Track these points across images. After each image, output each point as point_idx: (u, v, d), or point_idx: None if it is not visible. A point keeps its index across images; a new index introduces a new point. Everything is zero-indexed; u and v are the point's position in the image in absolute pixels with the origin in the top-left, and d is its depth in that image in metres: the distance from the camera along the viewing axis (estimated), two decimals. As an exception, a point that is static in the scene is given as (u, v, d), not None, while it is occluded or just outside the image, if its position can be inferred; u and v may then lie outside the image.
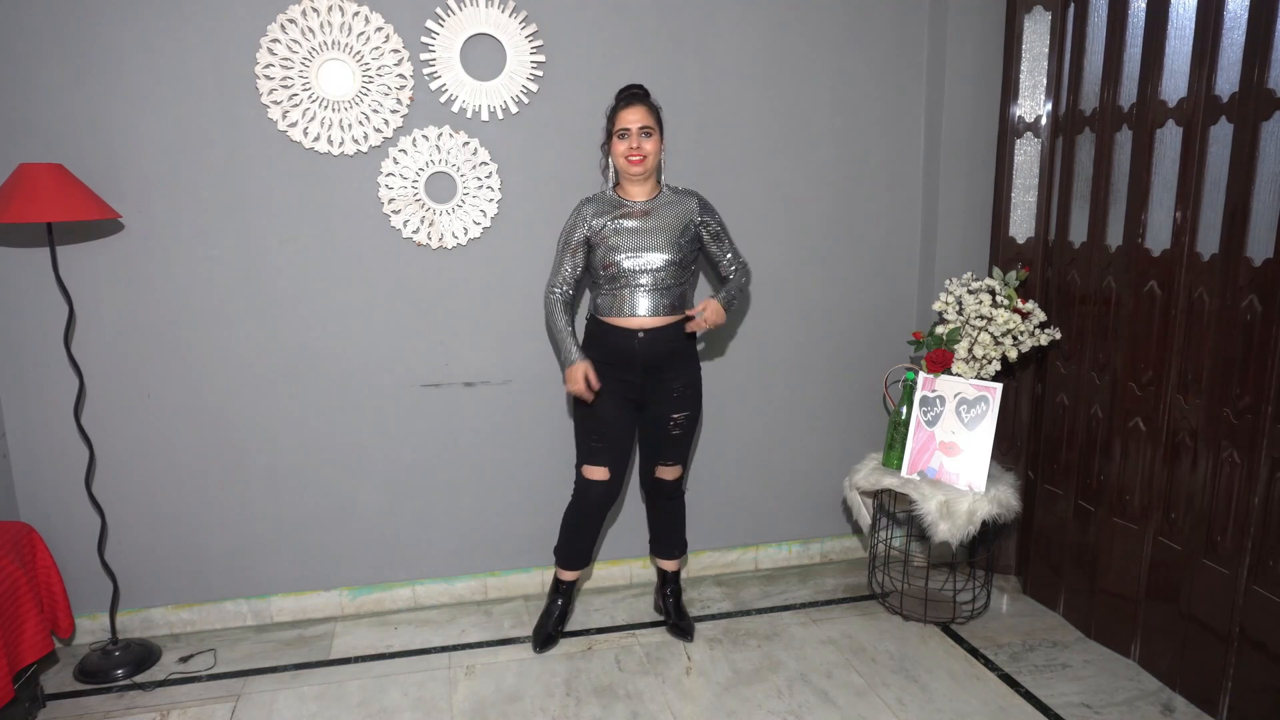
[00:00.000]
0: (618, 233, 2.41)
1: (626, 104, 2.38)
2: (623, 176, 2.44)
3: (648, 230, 2.41)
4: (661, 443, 2.58)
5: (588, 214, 2.44)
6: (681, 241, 2.44)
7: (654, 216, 2.43)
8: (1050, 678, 2.48)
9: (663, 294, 2.43)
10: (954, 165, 2.94)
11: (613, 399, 2.48)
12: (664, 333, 2.45)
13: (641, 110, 2.37)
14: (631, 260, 2.39)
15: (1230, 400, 2.18)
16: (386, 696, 2.43)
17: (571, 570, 2.69)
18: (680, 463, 2.64)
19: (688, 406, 2.55)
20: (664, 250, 2.41)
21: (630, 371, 2.47)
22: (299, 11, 2.49)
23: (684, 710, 2.35)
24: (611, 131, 2.40)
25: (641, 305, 2.42)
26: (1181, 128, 2.28)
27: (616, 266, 2.40)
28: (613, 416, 2.49)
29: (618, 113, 2.39)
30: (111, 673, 2.53)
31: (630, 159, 2.37)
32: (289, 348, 2.69)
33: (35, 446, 2.59)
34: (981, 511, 2.55)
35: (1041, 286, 2.87)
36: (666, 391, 2.50)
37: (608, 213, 2.43)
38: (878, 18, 2.90)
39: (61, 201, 2.22)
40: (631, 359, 2.45)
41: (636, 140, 2.36)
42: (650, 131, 2.38)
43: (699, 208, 2.49)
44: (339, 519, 2.83)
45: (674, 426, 2.54)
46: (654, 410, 2.53)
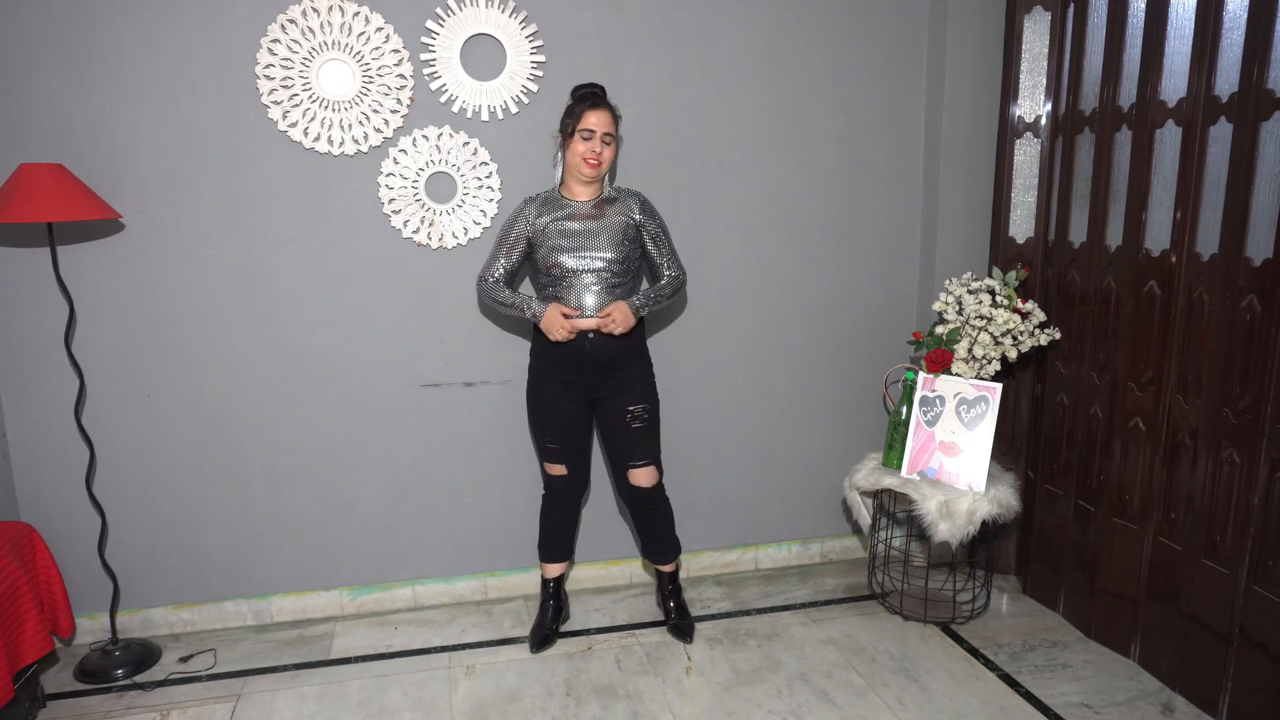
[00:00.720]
0: (561, 233, 2.41)
1: (593, 105, 2.37)
2: (571, 175, 2.45)
3: (590, 230, 2.42)
4: (625, 439, 2.54)
5: (530, 213, 2.45)
6: (623, 241, 2.44)
7: (597, 217, 2.44)
8: (1050, 678, 2.48)
9: (608, 293, 2.43)
10: (954, 165, 2.94)
11: (564, 399, 2.50)
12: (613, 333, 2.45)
13: (607, 115, 2.38)
14: (575, 260, 2.40)
15: (1230, 400, 2.18)
16: (386, 696, 2.43)
17: (554, 563, 2.72)
18: (653, 461, 2.59)
19: (644, 399, 2.53)
20: (606, 250, 2.41)
21: (580, 372, 2.47)
22: (299, 11, 2.49)
23: (684, 710, 2.35)
24: (574, 129, 2.37)
25: (588, 305, 2.42)
26: (1181, 128, 2.28)
27: (560, 266, 2.41)
28: (565, 417, 2.52)
29: (583, 113, 2.36)
30: (111, 673, 2.53)
31: (589, 161, 2.37)
32: (289, 348, 2.69)
33: (35, 446, 2.59)
34: (981, 511, 2.55)
35: (1041, 286, 2.87)
36: (618, 387, 2.50)
37: (551, 212, 2.44)
38: (878, 18, 2.90)
39: (61, 201, 2.22)
40: (582, 360, 2.45)
41: (599, 145, 2.37)
42: (611, 138, 2.39)
43: (639, 207, 2.49)
44: (339, 519, 2.83)
45: (633, 419, 2.52)
46: (609, 406, 2.52)
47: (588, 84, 2.44)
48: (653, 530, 2.70)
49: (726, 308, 2.97)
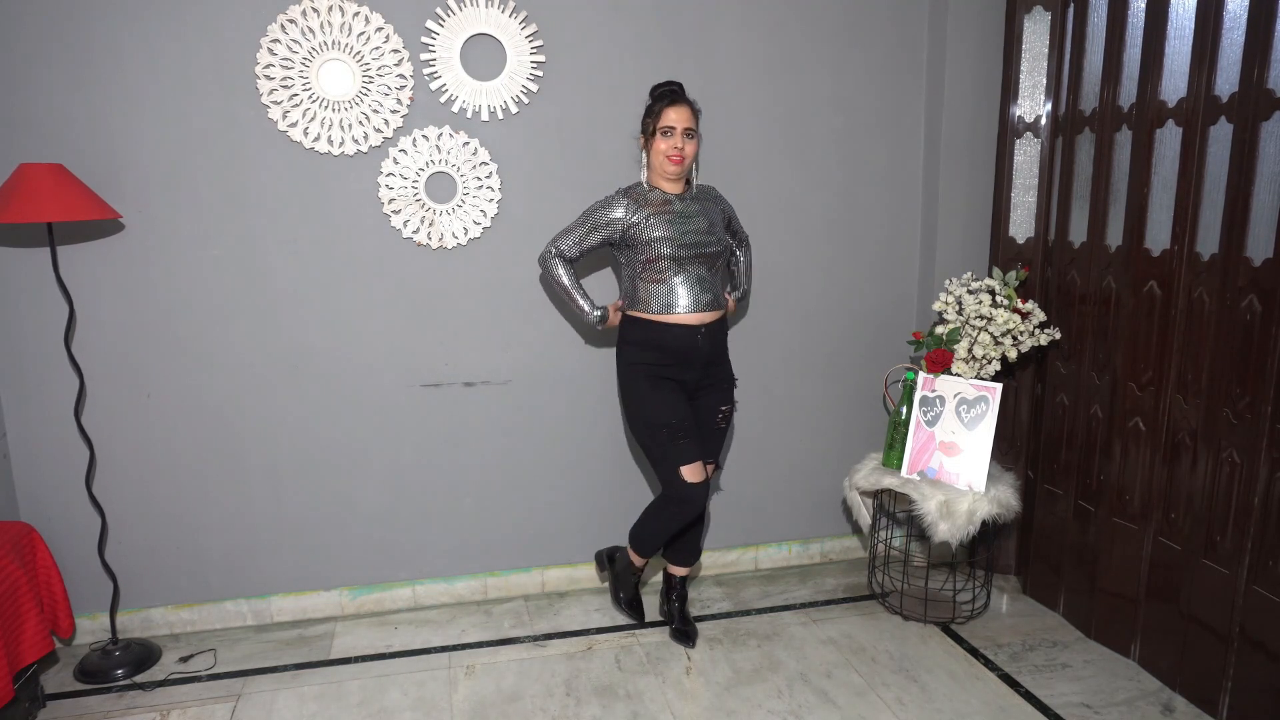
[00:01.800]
0: (668, 224, 2.39)
1: (671, 102, 2.36)
2: (656, 174, 2.43)
3: (694, 223, 2.42)
4: (708, 438, 2.56)
5: (620, 206, 2.40)
6: (721, 231, 2.49)
7: (695, 209, 2.45)
8: (1050, 678, 2.48)
9: (712, 287, 2.45)
10: (954, 165, 2.94)
11: (679, 396, 2.46)
12: (719, 326, 2.51)
13: (686, 111, 2.38)
14: (683, 252, 2.38)
15: (1230, 400, 2.18)
16: (386, 696, 2.43)
17: (647, 558, 2.70)
18: (717, 462, 2.64)
19: (730, 399, 2.59)
20: (713, 243, 2.43)
21: (690, 369, 2.46)
22: (299, 11, 2.49)
23: (684, 710, 2.35)
24: (655, 128, 2.37)
25: (699, 299, 2.41)
26: (1181, 128, 2.28)
27: (669, 260, 2.37)
28: (685, 409, 2.45)
29: (662, 110, 2.36)
30: (111, 673, 2.53)
31: (672, 158, 2.37)
32: (289, 348, 2.69)
33: (35, 446, 2.59)
34: (981, 511, 2.55)
35: (1041, 286, 2.87)
36: (715, 384, 2.53)
37: (649, 206, 2.41)
38: (878, 18, 2.90)
39: (61, 201, 2.22)
40: (693, 357, 2.44)
41: (680, 140, 2.36)
42: (693, 133, 2.39)
43: (723, 199, 2.59)
44: (339, 519, 2.83)
45: (722, 419, 2.57)
46: (703, 404, 2.54)
47: (665, 82, 2.42)
48: (690, 529, 2.65)
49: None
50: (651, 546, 2.63)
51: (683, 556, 2.72)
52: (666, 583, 2.79)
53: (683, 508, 2.47)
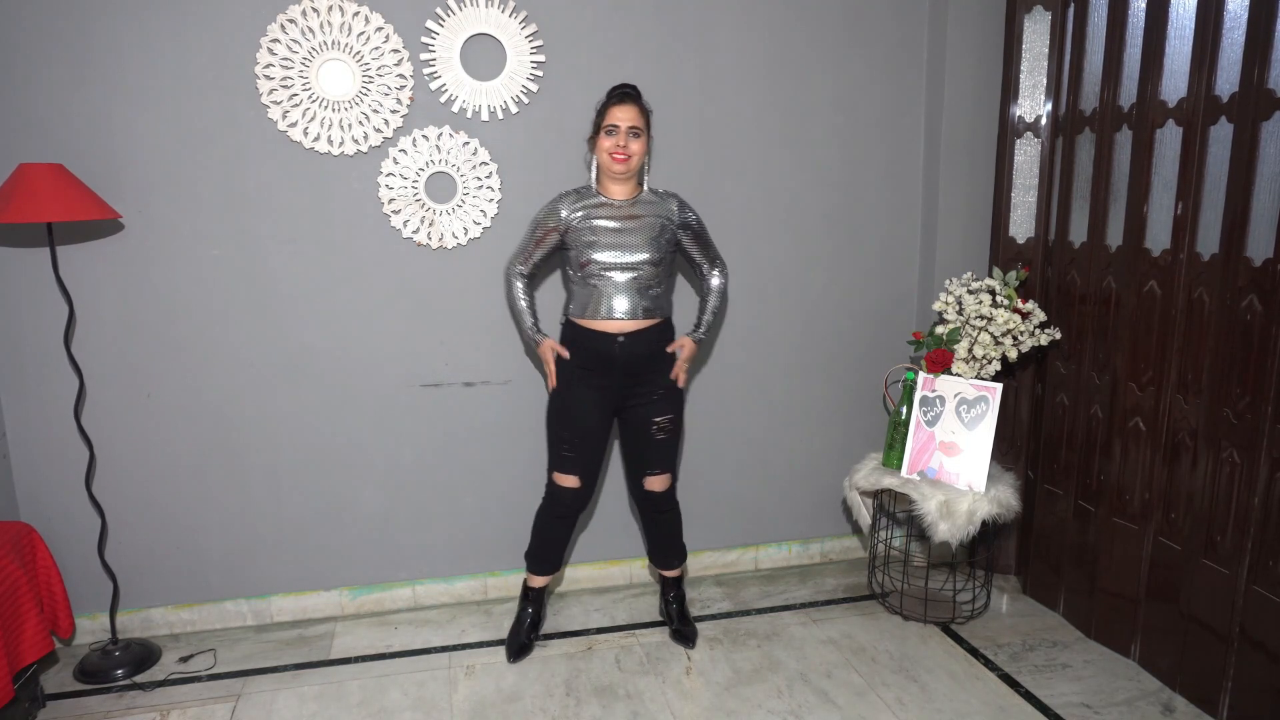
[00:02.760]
0: (595, 230, 2.37)
1: (618, 101, 2.35)
2: (604, 174, 2.41)
3: (626, 229, 2.38)
4: (646, 449, 2.53)
5: (563, 207, 2.41)
6: (660, 242, 2.41)
7: (633, 216, 2.40)
8: (1050, 678, 2.48)
9: (641, 295, 2.40)
10: (954, 165, 2.94)
11: (590, 406, 2.45)
12: (643, 336, 2.42)
13: (633, 110, 2.35)
14: (609, 258, 2.36)
15: (1230, 400, 2.18)
16: (386, 696, 2.43)
17: (542, 575, 2.66)
18: (668, 470, 2.58)
19: (670, 409, 2.51)
20: (642, 250, 2.37)
21: (609, 376, 2.44)
22: (299, 11, 2.49)
23: (684, 710, 2.35)
24: (600, 126, 2.37)
25: (620, 307, 2.38)
26: (1181, 128, 2.28)
27: (594, 264, 2.36)
28: (588, 425, 2.46)
29: (608, 109, 2.35)
30: (111, 673, 2.53)
31: (615, 156, 2.34)
32: (289, 348, 2.69)
33: (35, 446, 2.59)
34: (981, 511, 2.55)
35: (1041, 286, 2.87)
36: (647, 395, 2.47)
37: (586, 208, 2.40)
38: (878, 18, 2.90)
39: (61, 201, 2.22)
40: (611, 363, 2.42)
41: (624, 139, 2.33)
42: (639, 133, 2.35)
43: (678, 208, 2.46)
44: (339, 519, 2.83)
45: (658, 430, 2.50)
46: (635, 415, 2.49)
47: (619, 84, 2.41)
48: (660, 534, 2.68)
49: (729, 307, 2.97)
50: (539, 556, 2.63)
51: (662, 557, 2.72)
52: (662, 585, 2.79)
53: (551, 505, 2.57)
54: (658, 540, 2.70)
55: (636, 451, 2.55)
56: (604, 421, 2.49)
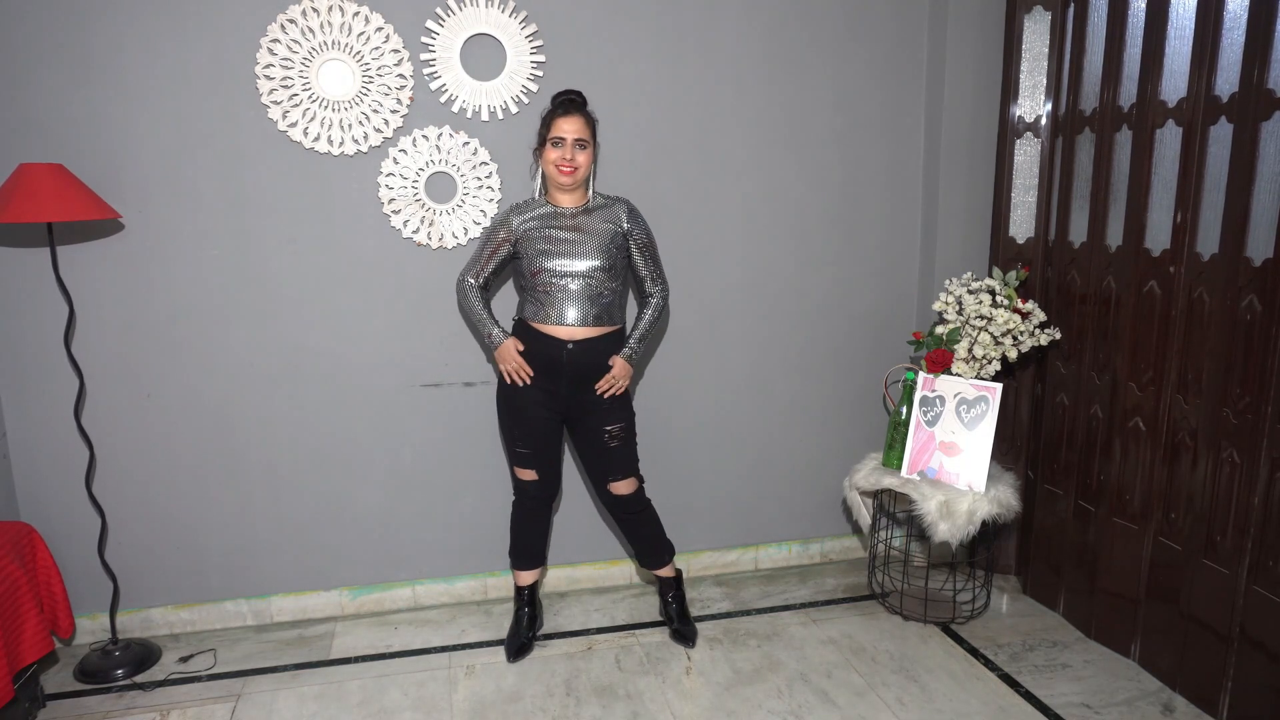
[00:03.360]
0: (546, 239, 2.37)
1: (564, 112, 2.32)
2: (551, 184, 2.41)
3: (576, 238, 2.38)
4: (603, 457, 2.52)
5: (514, 219, 2.41)
6: (610, 249, 2.40)
7: (582, 224, 2.40)
8: (1050, 678, 2.48)
9: (591, 303, 2.39)
10: (954, 165, 2.94)
11: (537, 404, 2.45)
12: (593, 345, 2.41)
13: (579, 121, 2.33)
14: (559, 266, 2.36)
15: (1230, 400, 2.18)
16: (386, 696, 2.43)
17: (527, 570, 2.67)
18: (631, 474, 2.56)
19: (620, 416, 2.50)
20: (591, 257, 2.37)
21: (556, 382, 2.43)
22: (299, 11, 2.49)
23: (684, 710, 2.35)
24: (545, 137, 2.34)
25: (570, 314, 2.38)
26: (1181, 128, 2.28)
27: (546, 272, 2.36)
28: (537, 423, 2.47)
29: (554, 119, 2.32)
30: (111, 673, 2.53)
31: (561, 168, 2.33)
32: (289, 348, 2.69)
33: (35, 446, 2.59)
34: (981, 511, 2.55)
35: (1041, 286, 2.87)
36: (595, 404, 2.46)
37: (535, 218, 2.40)
38: (878, 18, 2.90)
39: (61, 201, 2.22)
40: (559, 370, 2.41)
41: (570, 151, 2.32)
42: (585, 144, 2.34)
43: (626, 215, 2.45)
44: (339, 519, 2.83)
45: (610, 439, 2.49)
46: (586, 423, 2.49)
47: (564, 91, 2.40)
48: (640, 535, 2.68)
49: (727, 307, 2.97)
50: (518, 551, 2.65)
51: (649, 557, 2.71)
52: (660, 585, 2.78)
53: (517, 499, 2.63)
54: (639, 542, 2.70)
55: (594, 460, 2.56)
56: (552, 419, 2.50)
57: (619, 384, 2.46)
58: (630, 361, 2.47)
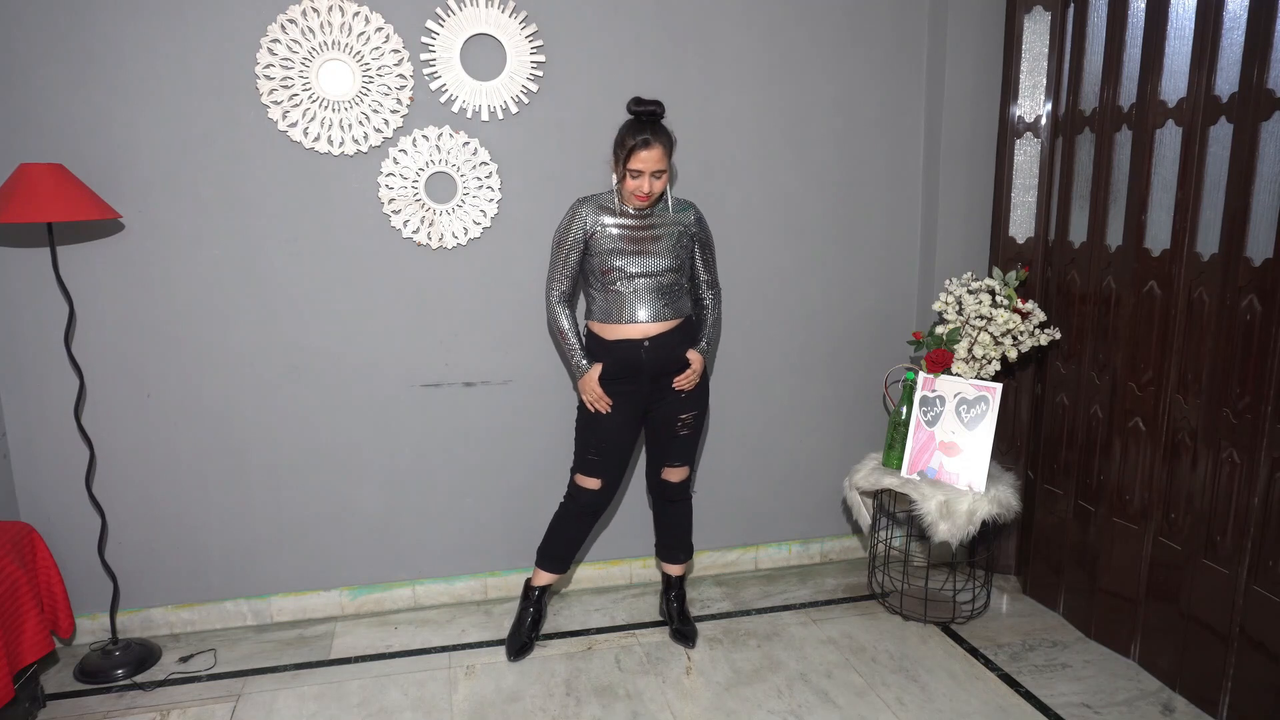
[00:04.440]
0: (618, 237, 2.38)
1: (644, 146, 2.25)
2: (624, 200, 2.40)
3: (648, 236, 2.39)
4: (668, 443, 2.57)
5: (585, 213, 2.40)
6: (679, 249, 2.43)
7: (655, 225, 2.41)
8: (1050, 678, 2.48)
9: (664, 300, 2.42)
10: (954, 165, 2.94)
11: (618, 412, 2.46)
12: (668, 339, 2.44)
13: (658, 152, 2.27)
14: (632, 265, 2.37)
15: (1230, 400, 2.18)
16: (386, 696, 2.43)
17: (550, 573, 2.66)
18: (687, 463, 2.62)
19: (695, 405, 2.55)
20: (664, 256, 2.39)
21: (636, 381, 2.45)
22: (299, 11, 2.49)
23: (684, 710, 2.35)
24: (625, 164, 2.28)
25: (643, 312, 2.40)
26: (1181, 128, 2.29)
27: (617, 272, 2.37)
28: (616, 432, 2.48)
29: (634, 151, 2.26)
30: (111, 673, 2.53)
31: (637, 196, 2.33)
32: (289, 348, 2.69)
33: (35, 446, 2.59)
34: (981, 511, 2.55)
35: (1041, 286, 2.87)
36: (674, 393, 2.50)
37: (607, 215, 2.40)
38: (878, 18, 2.90)
39: (61, 201, 2.22)
40: (638, 369, 2.43)
41: (648, 183, 2.31)
42: (661, 174, 2.32)
43: (695, 219, 2.48)
44: (339, 519, 2.83)
45: (682, 427, 2.54)
46: (661, 412, 2.52)
47: (646, 105, 2.28)
48: (672, 525, 2.70)
49: (727, 308, 2.97)
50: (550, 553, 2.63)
51: (671, 554, 2.73)
52: (665, 583, 2.79)
53: (569, 504, 2.61)
54: (668, 532, 2.71)
55: (659, 446, 2.59)
56: (632, 428, 2.52)
57: (696, 378, 2.50)
58: (701, 353, 2.52)
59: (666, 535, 2.73)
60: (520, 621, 2.68)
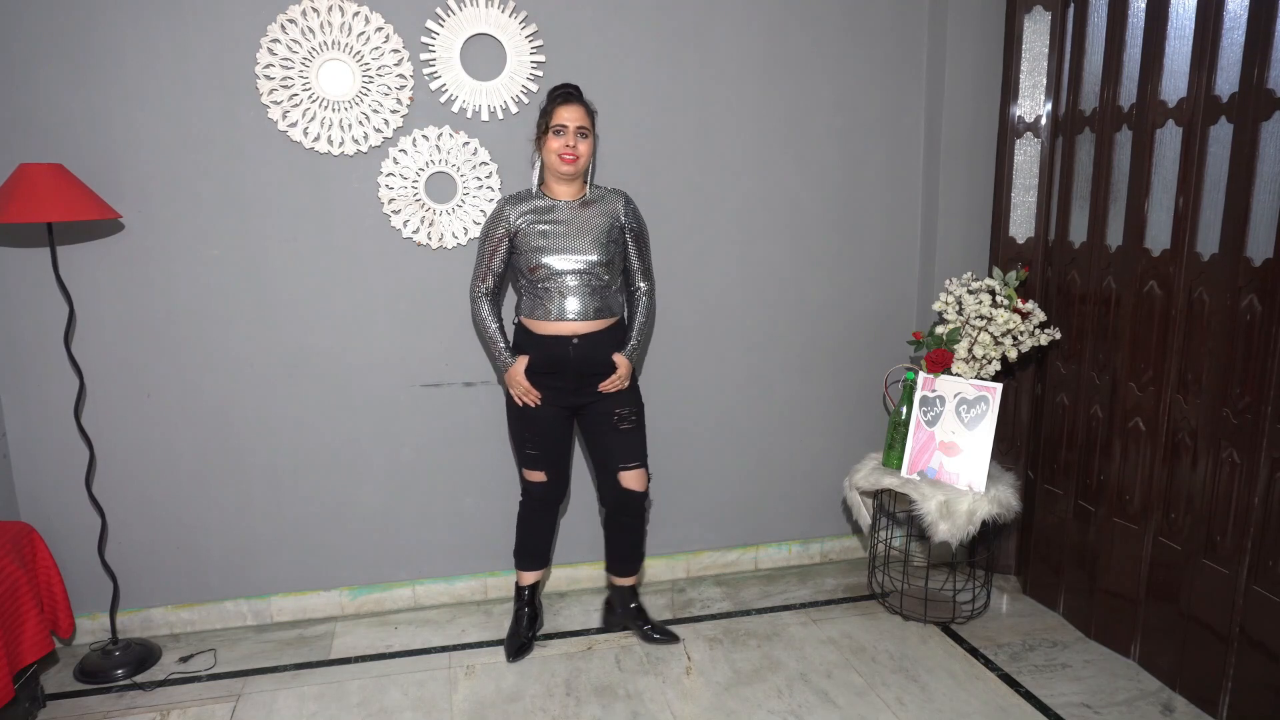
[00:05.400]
0: (543, 234, 2.36)
1: (564, 101, 2.33)
2: (550, 174, 2.40)
3: (574, 231, 2.37)
4: (613, 440, 2.51)
5: (510, 213, 2.39)
6: (607, 241, 2.40)
7: (580, 217, 2.40)
8: (1050, 678, 2.48)
9: (592, 296, 2.39)
10: (954, 165, 2.94)
11: (546, 406, 2.46)
12: (598, 338, 2.42)
13: (579, 110, 2.33)
14: (558, 261, 2.35)
15: (1230, 400, 2.18)
16: (386, 696, 2.43)
17: (531, 571, 2.67)
18: (642, 463, 2.57)
19: (628, 401, 2.51)
20: (591, 250, 2.37)
21: (563, 378, 2.44)
22: (299, 11, 2.49)
23: (684, 710, 2.35)
24: (547, 126, 2.34)
25: (571, 309, 2.38)
26: (1181, 128, 2.28)
27: (544, 268, 2.35)
28: (548, 424, 2.48)
29: (554, 109, 2.33)
30: (111, 673, 2.53)
31: (564, 157, 2.32)
32: (289, 348, 2.69)
33: (35, 446, 2.59)
34: (981, 511, 2.55)
35: (1041, 286, 2.87)
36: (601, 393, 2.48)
37: (531, 212, 2.39)
38: (878, 18, 2.90)
39: (61, 201, 2.22)
40: (565, 366, 2.42)
41: (573, 139, 2.32)
42: (586, 132, 2.34)
43: (624, 206, 2.46)
44: (339, 519, 2.83)
45: (620, 420, 2.49)
46: (595, 409, 2.49)
47: (561, 84, 2.41)
48: (630, 539, 2.67)
49: (726, 308, 2.97)
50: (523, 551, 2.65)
51: (628, 563, 2.70)
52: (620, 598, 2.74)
53: (524, 501, 2.62)
54: (627, 547, 2.68)
55: (604, 447, 2.54)
56: (564, 421, 2.51)
57: (623, 382, 2.47)
58: (630, 359, 2.48)
59: (624, 551, 2.69)
60: (517, 622, 2.68)
